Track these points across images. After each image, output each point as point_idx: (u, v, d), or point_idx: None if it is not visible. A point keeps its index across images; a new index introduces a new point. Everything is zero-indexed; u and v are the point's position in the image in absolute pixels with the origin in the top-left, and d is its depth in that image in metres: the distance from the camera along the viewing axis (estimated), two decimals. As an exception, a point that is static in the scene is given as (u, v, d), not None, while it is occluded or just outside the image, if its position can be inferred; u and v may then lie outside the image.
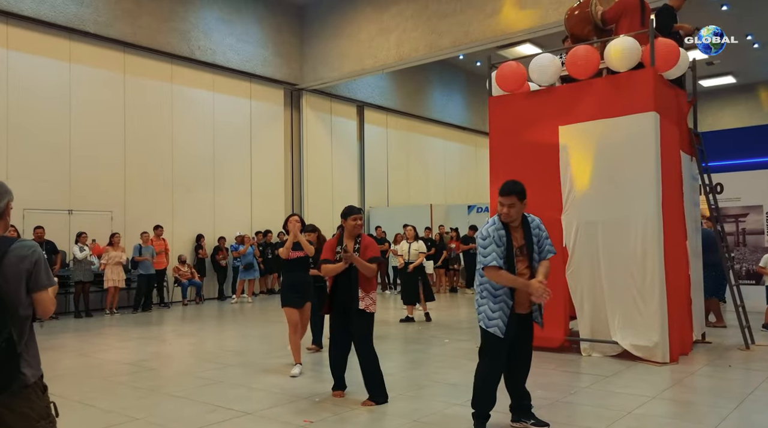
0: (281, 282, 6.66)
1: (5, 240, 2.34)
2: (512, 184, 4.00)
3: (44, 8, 11.42)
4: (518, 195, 3.97)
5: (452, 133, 21.92)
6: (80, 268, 10.94)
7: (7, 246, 2.33)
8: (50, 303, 2.47)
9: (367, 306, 4.91)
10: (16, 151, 11.05)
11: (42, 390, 2.50)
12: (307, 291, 6.28)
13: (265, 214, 15.47)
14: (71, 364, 6.85)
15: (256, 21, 15.31)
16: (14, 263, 2.32)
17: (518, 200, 3.96)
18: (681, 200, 7.09)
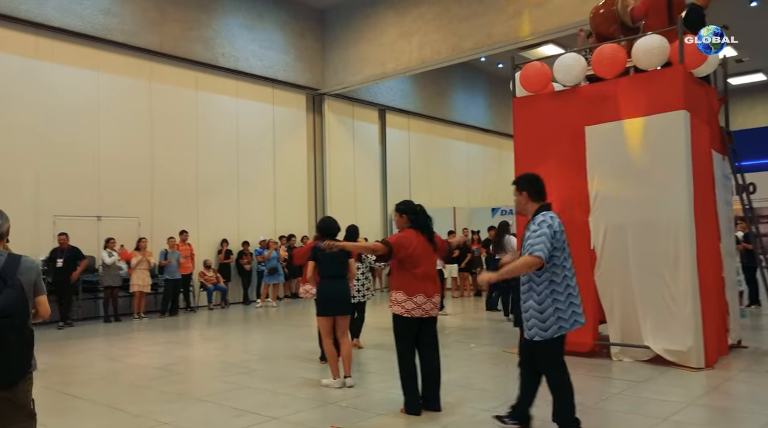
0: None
1: (15, 256, 2.92)
2: (520, 175, 4.07)
3: (73, 19, 11.65)
4: (516, 185, 4.01)
5: (475, 135, 21.79)
6: (109, 273, 11.09)
7: (19, 259, 2.92)
8: (47, 306, 3.07)
9: (390, 305, 4.83)
10: (47, 159, 11.26)
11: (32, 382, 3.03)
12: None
13: (289, 218, 15.54)
14: (101, 368, 6.93)
15: (278, 27, 15.42)
16: (25, 273, 2.90)
17: (517, 191, 3.98)
18: (713, 200, 6.91)
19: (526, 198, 3.93)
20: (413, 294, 4.66)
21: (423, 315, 4.68)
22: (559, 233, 3.75)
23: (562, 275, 3.73)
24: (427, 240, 4.83)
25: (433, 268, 4.82)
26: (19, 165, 10.92)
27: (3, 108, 10.79)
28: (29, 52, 11.19)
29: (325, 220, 6.00)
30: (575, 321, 3.75)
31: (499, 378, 6.12)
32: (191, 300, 12.83)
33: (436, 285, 4.82)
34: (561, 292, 3.72)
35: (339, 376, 5.66)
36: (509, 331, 8.96)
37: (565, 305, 3.71)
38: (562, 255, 3.76)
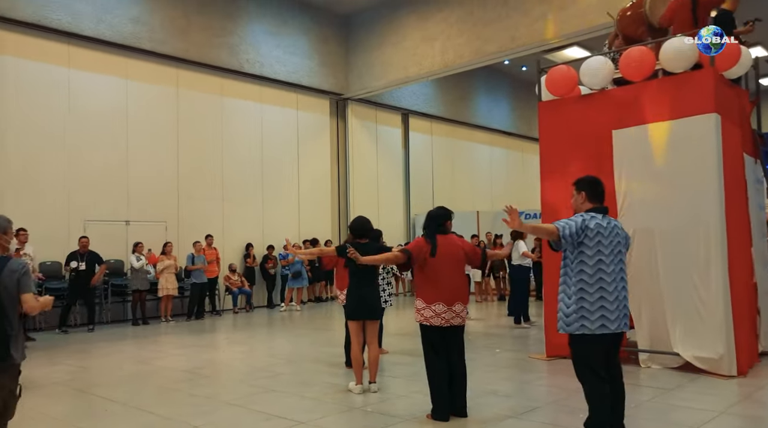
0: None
1: (3, 258, 3.34)
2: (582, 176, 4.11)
3: (103, 28, 11.91)
4: (576, 185, 4.05)
5: (498, 138, 21.68)
6: (137, 277, 11.28)
7: (5, 262, 3.34)
8: (33, 302, 3.37)
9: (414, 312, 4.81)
10: (78, 165, 11.51)
11: (18, 373, 3.46)
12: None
13: (313, 222, 15.63)
14: (130, 371, 7.05)
15: (302, 33, 15.55)
16: (9, 274, 3.30)
17: (576, 190, 4.03)
18: (745, 204, 6.78)
19: (584, 198, 3.96)
20: (432, 302, 4.63)
21: (443, 324, 4.62)
22: (593, 230, 3.75)
23: (596, 276, 3.73)
24: (456, 247, 4.76)
25: (457, 276, 4.74)
26: (51, 171, 11.18)
27: (37, 115, 11.07)
28: (62, 61, 11.47)
29: (357, 220, 5.81)
30: (602, 325, 3.70)
31: (526, 384, 6.07)
32: (217, 304, 12.98)
33: (460, 294, 4.72)
34: (591, 293, 3.72)
35: (362, 382, 5.63)
36: (534, 337, 8.89)
37: (593, 306, 3.70)
38: (595, 254, 3.74)
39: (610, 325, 3.73)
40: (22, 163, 10.84)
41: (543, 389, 5.99)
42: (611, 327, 3.74)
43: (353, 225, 5.75)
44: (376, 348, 5.68)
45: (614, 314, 3.73)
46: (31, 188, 10.88)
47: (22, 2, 10.88)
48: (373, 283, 5.62)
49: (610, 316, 3.73)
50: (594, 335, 3.71)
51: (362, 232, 5.67)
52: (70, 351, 8.61)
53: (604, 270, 3.74)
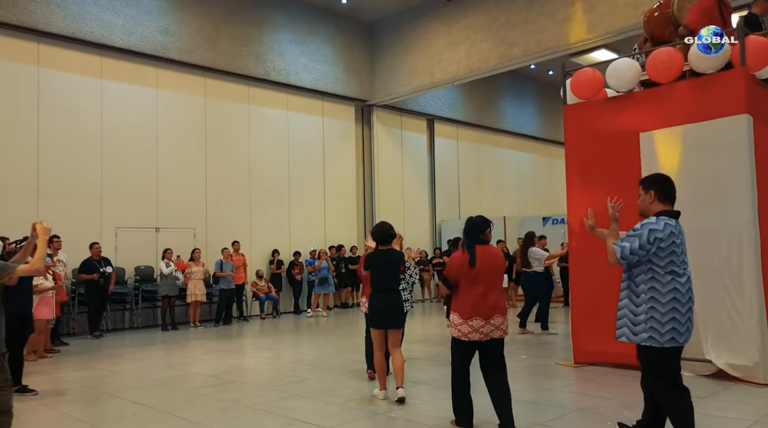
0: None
1: None
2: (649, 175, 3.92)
3: (134, 39, 12.20)
4: (643, 184, 3.81)
5: (524, 143, 21.51)
6: (166, 283, 11.47)
7: None
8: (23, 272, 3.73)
9: (448, 325, 4.62)
10: (110, 173, 11.79)
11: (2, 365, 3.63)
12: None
13: (338, 228, 15.71)
14: (159, 376, 7.17)
15: (327, 40, 15.69)
16: None
17: (643, 189, 3.79)
18: (779, 207, 6.58)
19: (653, 197, 3.71)
20: (469, 317, 4.37)
21: (482, 338, 4.38)
22: (665, 240, 3.52)
23: (669, 286, 3.53)
24: (496, 257, 4.51)
25: (495, 288, 4.46)
26: (84, 179, 11.48)
27: (70, 125, 11.39)
28: (95, 72, 11.78)
29: (380, 226, 5.61)
30: (672, 338, 3.51)
31: (553, 391, 5.99)
32: (244, 310, 13.12)
33: (499, 306, 4.45)
34: (663, 303, 3.51)
35: (386, 388, 5.57)
36: (561, 344, 8.77)
37: (664, 318, 3.50)
38: (668, 264, 3.53)
39: (679, 338, 3.55)
40: (58, 172, 11.15)
41: (571, 396, 5.90)
42: (680, 341, 3.55)
43: (376, 232, 5.58)
44: (400, 355, 5.54)
45: (684, 326, 3.54)
46: (66, 196, 11.18)
47: (57, 16, 11.23)
48: (395, 290, 5.52)
49: (680, 329, 3.54)
50: (663, 348, 3.52)
51: (385, 239, 5.52)
52: (102, 355, 8.80)
53: (677, 281, 3.53)
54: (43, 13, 11.06)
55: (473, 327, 4.37)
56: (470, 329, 4.37)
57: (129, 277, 11.91)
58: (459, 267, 4.43)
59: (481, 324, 4.37)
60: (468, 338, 4.38)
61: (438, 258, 15.75)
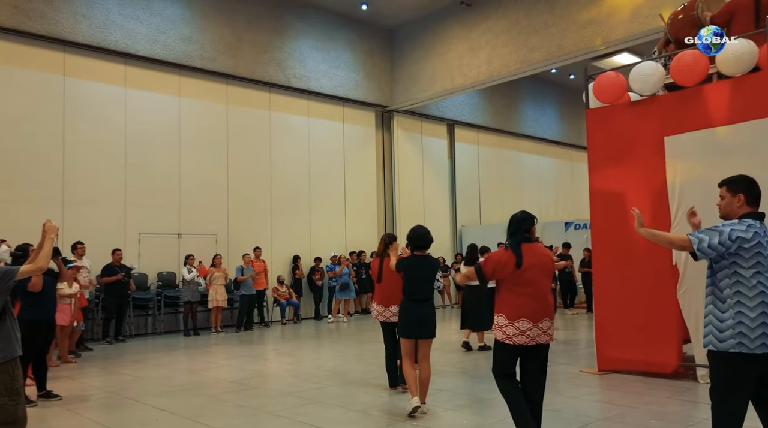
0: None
1: None
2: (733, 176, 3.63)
3: (157, 48, 12.38)
4: (729, 185, 3.57)
5: (546, 147, 21.33)
6: (188, 289, 11.57)
7: None
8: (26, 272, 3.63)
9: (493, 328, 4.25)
10: (134, 180, 11.96)
11: (11, 372, 3.49)
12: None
13: (359, 234, 15.72)
14: (182, 381, 7.22)
15: (348, 47, 15.76)
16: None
17: (729, 192, 3.55)
18: (811, 213, 6.41)
19: (742, 201, 3.50)
20: (516, 318, 4.07)
21: (528, 342, 4.06)
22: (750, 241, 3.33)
23: (756, 290, 3.33)
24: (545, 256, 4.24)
25: (544, 289, 4.17)
26: (108, 185, 11.65)
27: (95, 132, 11.58)
28: (119, 81, 11.98)
29: (417, 231, 5.31)
30: (763, 344, 3.28)
31: (577, 399, 5.89)
32: (265, 315, 13.17)
33: (548, 309, 4.14)
34: (751, 307, 3.32)
35: (422, 409, 5.22)
36: (585, 351, 8.63)
37: (754, 323, 3.30)
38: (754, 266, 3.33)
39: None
40: (83, 179, 11.34)
41: (596, 405, 5.80)
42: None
43: (413, 236, 5.29)
44: (428, 367, 5.29)
45: None
46: (91, 203, 11.35)
47: (83, 26, 11.45)
48: (430, 298, 5.28)
49: None
50: (753, 354, 3.30)
51: (423, 244, 5.25)
52: (126, 361, 8.90)
53: (764, 284, 3.33)
54: (69, 23, 11.29)
55: (519, 330, 4.06)
56: (516, 331, 4.06)
57: (152, 283, 12.05)
58: (501, 267, 4.13)
59: (528, 326, 4.06)
60: (513, 341, 4.06)
61: (458, 264, 15.65)
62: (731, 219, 3.51)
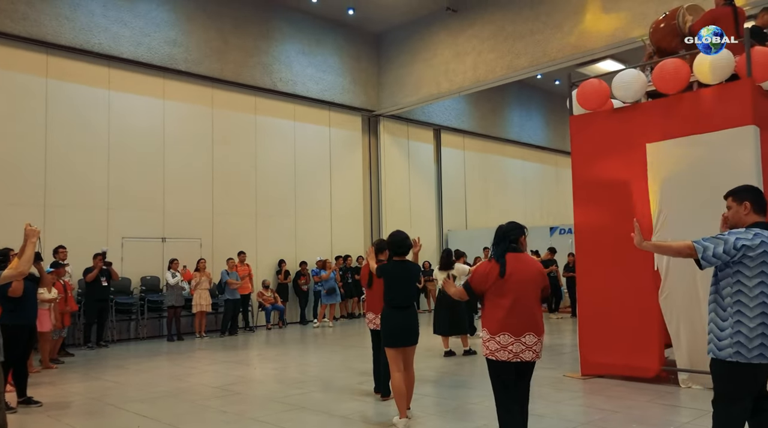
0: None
1: None
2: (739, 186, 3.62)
3: (142, 50, 12.30)
4: (735, 195, 3.56)
5: (531, 153, 21.49)
6: (172, 293, 11.47)
7: None
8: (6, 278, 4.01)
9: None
10: (117, 183, 11.85)
11: None
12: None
13: (345, 238, 15.71)
14: (164, 387, 7.15)
15: (334, 51, 15.77)
16: None
17: (735, 201, 3.55)
18: (788, 219, 6.52)
19: (749, 209, 3.49)
20: (497, 332, 3.92)
21: (511, 359, 3.89)
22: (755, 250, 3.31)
23: (757, 300, 3.32)
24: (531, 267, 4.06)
25: (528, 302, 3.97)
26: (91, 189, 11.54)
27: (78, 135, 11.46)
28: (103, 83, 11.88)
29: (397, 236, 5.20)
30: (761, 354, 3.27)
31: (560, 404, 5.92)
32: (250, 320, 13.10)
33: (532, 323, 3.95)
34: (750, 317, 3.31)
35: (407, 415, 5.10)
36: (569, 355, 8.69)
37: (752, 333, 3.29)
38: (757, 276, 3.32)
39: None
40: (65, 182, 11.21)
41: (579, 409, 5.83)
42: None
43: (392, 241, 5.18)
44: (412, 373, 5.20)
45: None
46: (73, 206, 11.23)
47: (66, 28, 11.34)
48: (412, 306, 5.16)
49: None
50: (750, 364, 3.29)
51: (402, 250, 5.13)
52: (108, 366, 8.80)
53: (766, 294, 3.32)
54: (52, 26, 11.18)
55: (501, 344, 3.91)
56: (498, 346, 3.92)
57: (135, 287, 11.93)
58: (484, 279, 3.99)
59: (510, 341, 3.91)
60: (496, 357, 3.92)
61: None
62: (739, 228, 3.49)
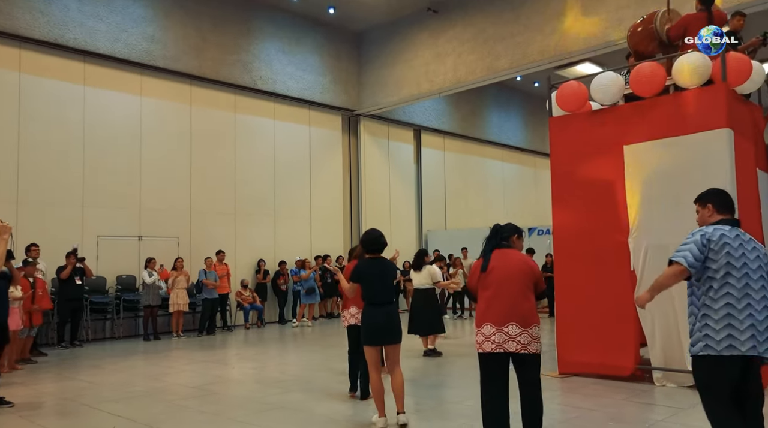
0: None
1: None
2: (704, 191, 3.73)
3: (118, 46, 12.12)
4: (699, 201, 3.69)
5: (510, 154, 21.65)
6: (149, 293, 11.31)
7: None
8: None
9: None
10: (92, 180, 11.65)
11: None
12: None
13: (324, 238, 15.66)
14: (141, 387, 7.05)
15: (315, 50, 15.71)
16: None
17: (700, 205, 3.67)
18: (759, 221, 6.67)
19: (711, 210, 3.57)
20: (481, 324, 4.00)
21: (495, 349, 3.92)
22: (717, 243, 3.39)
23: (722, 292, 3.36)
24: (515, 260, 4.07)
25: (511, 292, 3.96)
26: (65, 186, 11.32)
27: (52, 131, 11.24)
28: (78, 79, 11.67)
29: (371, 234, 5.13)
30: (730, 345, 3.29)
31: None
32: (228, 320, 12.99)
33: (515, 313, 3.93)
34: (716, 309, 3.35)
35: (385, 414, 4.94)
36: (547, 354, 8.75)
37: (718, 325, 3.32)
38: (723, 267, 3.37)
39: (741, 346, 3.28)
40: (39, 179, 10.99)
41: (556, 408, 5.88)
42: (741, 349, 3.29)
43: (366, 240, 5.12)
44: (400, 374, 4.96)
45: (746, 334, 3.29)
46: (47, 203, 11.02)
47: (40, 22, 11.12)
48: (392, 302, 5.02)
49: (740, 336, 3.30)
50: (720, 356, 3.31)
51: (376, 247, 5.07)
52: (82, 366, 8.65)
53: (732, 285, 3.35)
54: (25, 19, 10.95)
55: (485, 336, 3.95)
56: (483, 338, 3.96)
57: (110, 287, 11.74)
58: (473, 275, 4.12)
59: (492, 331, 3.93)
60: (482, 349, 3.97)
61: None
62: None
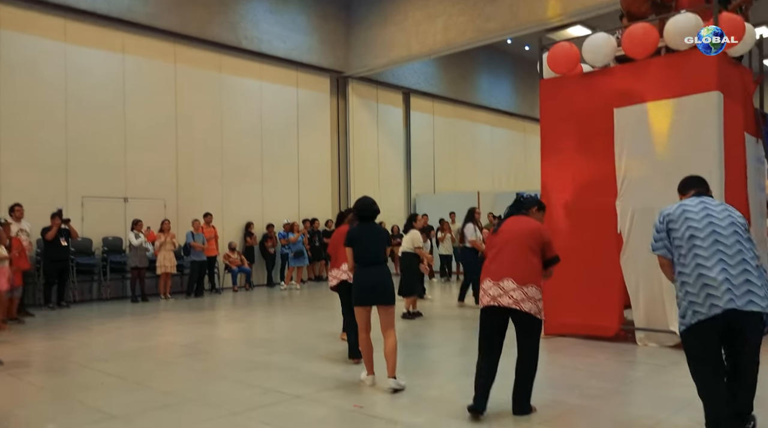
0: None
1: None
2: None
3: (99, 2, 11.74)
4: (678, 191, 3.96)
5: (500, 118, 21.57)
6: (136, 254, 11.26)
7: None
8: None
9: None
10: (75, 142, 11.44)
11: None
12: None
13: (312, 201, 15.61)
14: (130, 347, 7.08)
15: (302, 10, 15.36)
16: None
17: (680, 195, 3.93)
18: (744, 184, 6.74)
19: (679, 197, 3.88)
20: (482, 280, 4.18)
21: (490, 302, 4.05)
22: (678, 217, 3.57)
23: (690, 255, 3.48)
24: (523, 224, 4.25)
25: (512, 250, 4.10)
26: (48, 147, 11.12)
27: (33, 91, 10.98)
28: (59, 36, 11.34)
29: (364, 201, 5.16)
30: (712, 305, 3.37)
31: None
32: (216, 282, 13.01)
33: (513, 269, 4.04)
34: (688, 274, 3.47)
35: (374, 372, 5.09)
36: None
37: (695, 287, 3.43)
38: (688, 238, 3.50)
39: (719, 302, 3.36)
40: (19, 139, 10.77)
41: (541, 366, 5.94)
42: (719, 304, 3.36)
43: (359, 206, 5.13)
44: (393, 338, 4.91)
45: (721, 288, 3.35)
46: (29, 164, 10.82)
47: (17, -25, 10.73)
48: (383, 263, 5.06)
49: (716, 292, 3.36)
50: (710, 318, 3.38)
51: (369, 214, 5.08)
52: (70, 326, 8.65)
53: (699, 246, 3.45)
54: (3, -28, 10.56)
55: (484, 290, 4.12)
56: (482, 293, 4.16)
57: (96, 248, 11.67)
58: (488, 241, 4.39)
59: (489, 285, 4.08)
60: (482, 304, 4.15)
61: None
62: None
